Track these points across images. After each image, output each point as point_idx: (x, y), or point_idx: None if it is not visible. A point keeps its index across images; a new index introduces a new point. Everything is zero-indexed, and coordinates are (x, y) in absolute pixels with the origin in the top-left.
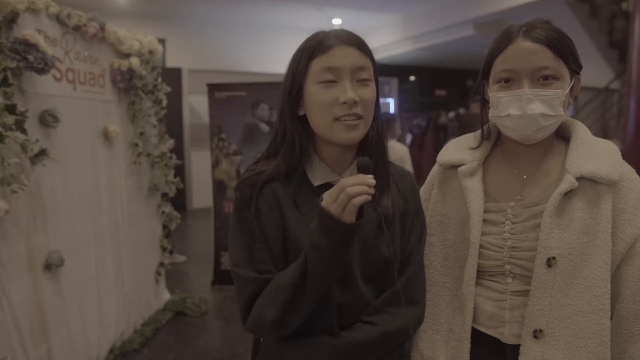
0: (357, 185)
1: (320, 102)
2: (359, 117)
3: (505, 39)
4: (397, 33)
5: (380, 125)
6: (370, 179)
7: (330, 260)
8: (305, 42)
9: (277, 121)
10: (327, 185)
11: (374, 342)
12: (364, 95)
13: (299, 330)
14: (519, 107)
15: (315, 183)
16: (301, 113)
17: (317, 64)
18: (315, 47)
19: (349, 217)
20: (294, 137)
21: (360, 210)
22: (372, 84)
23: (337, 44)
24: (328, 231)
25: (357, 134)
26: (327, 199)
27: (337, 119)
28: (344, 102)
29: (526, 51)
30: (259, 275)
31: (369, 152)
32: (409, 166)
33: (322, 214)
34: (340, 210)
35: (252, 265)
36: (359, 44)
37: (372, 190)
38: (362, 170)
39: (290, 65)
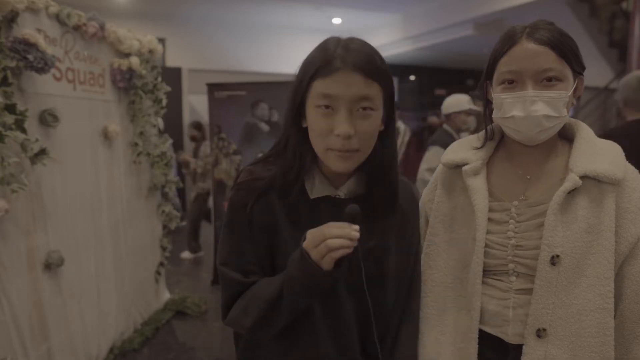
0: (338, 238)
1: (316, 128)
2: (355, 150)
3: (508, 41)
4: (397, 33)
5: (389, 154)
6: (354, 231)
7: (304, 293)
8: (314, 52)
9: (283, 126)
10: (326, 198)
11: None
12: (362, 128)
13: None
14: (522, 109)
15: (312, 196)
16: (305, 125)
17: (317, 87)
18: (319, 66)
19: (328, 264)
20: (295, 150)
21: (343, 257)
22: (375, 113)
23: (341, 68)
24: (305, 271)
25: (351, 165)
26: (309, 242)
27: (330, 149)
28: (338, 135)
29: (530, 53)
30: (243, 278)
31: (372, 172)
32: None
33: (302, 254)
34: (319, 258)
35: (238, 267)
36: (367, 69)
37: (354, 244)
38: (348, 219)
39: (298, 73)
